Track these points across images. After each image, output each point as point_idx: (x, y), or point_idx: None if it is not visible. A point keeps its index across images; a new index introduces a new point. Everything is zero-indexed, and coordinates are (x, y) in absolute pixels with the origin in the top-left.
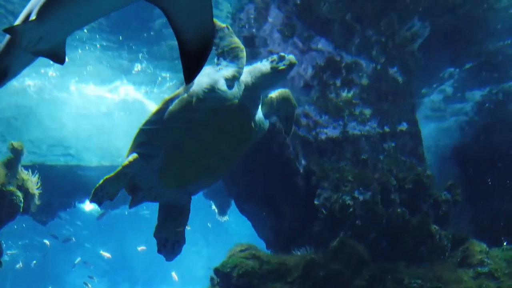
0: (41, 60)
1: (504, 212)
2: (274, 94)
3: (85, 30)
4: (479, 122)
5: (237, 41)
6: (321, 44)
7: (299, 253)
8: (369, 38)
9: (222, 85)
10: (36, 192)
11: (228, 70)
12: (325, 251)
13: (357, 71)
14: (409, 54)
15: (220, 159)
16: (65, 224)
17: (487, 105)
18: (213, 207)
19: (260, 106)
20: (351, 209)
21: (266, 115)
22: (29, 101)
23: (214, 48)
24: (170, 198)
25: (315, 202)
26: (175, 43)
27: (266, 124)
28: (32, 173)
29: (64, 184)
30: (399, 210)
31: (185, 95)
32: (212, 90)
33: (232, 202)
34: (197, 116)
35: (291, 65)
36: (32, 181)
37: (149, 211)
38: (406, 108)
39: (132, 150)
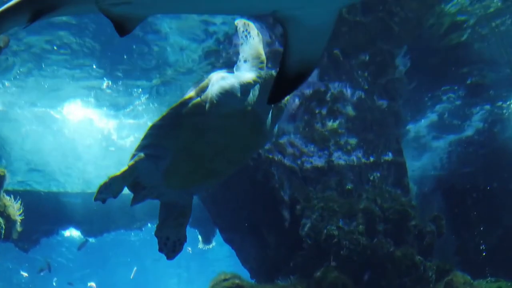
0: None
1: (488, 244)
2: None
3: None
4: (463, 154)
5: (262, 51)
6: None
7: (283, 283)
8: (355, 69)
9: (237, 91)
10: (18, 218)
11: (246, 76)
12: (310, 281)
13: (343, 101)
14: (395, 85)
15: (227, 163)
16: (48, 251)
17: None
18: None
19: (270, 113)
20: (335, 239)
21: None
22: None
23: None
24: (172, 197)
25: (300, 231)
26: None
27: (275, 130)
28: (15, 199)
29: (47, 211)
30: (383, 240)
31: (198, 98)
32: (227, 95)
33: (217, 230)
34: (209, 121)
35: None
36: (14, 207)
37: (138, 238)
38: (391, 138)
39: (139, 150)
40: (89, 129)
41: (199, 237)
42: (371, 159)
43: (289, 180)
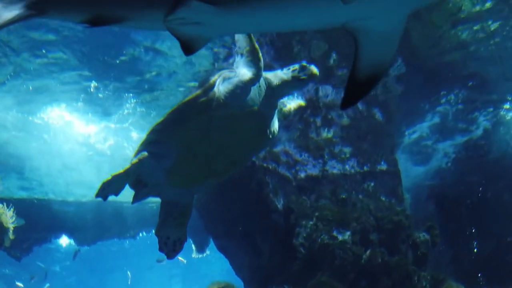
0: None
1: (482, 254)
2: (292, 104)
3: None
4: (459, 164)
5: (257, 47)
6: None
7: None
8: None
9: (243, 90)
10: (11, 226)
11: (246, 75)
12: None
13: (337, 110)
14: (390, 94)
15: (231, 162)
16: (40, 259)
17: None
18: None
19: (276, 113)
20: (329, 249)
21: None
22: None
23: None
24: (174, 196)
25: (294, 240)
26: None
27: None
28: (7, 206)
29: (41, 219)
30: (377, 250)
31: (205, 98)
32: (233, 94)
33: (211, 239)
34: (214, 120)
35: (312, 76)
36: (7, 215)
37: (131, 246)
38: (385, 148)
39: (142, 148)
40: (72, 133)
41: (193, 246)
42: (365, 168)
43: (283, 189)
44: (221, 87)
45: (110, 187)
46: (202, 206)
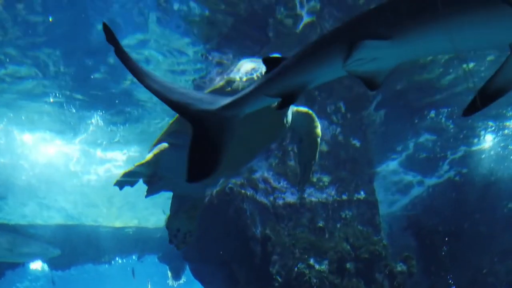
0: None
1: (459, 285)
2: (300, 109)
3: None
4: (436, 195)
5: None
6: None
7: None
8: (329, 106)
9: None
10: None
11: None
12: None
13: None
14: (369, 123)
15: (248, 152)
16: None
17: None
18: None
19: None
20: (306, 278)
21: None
22: None
23: None
24: (187, 189)
25: (270, 268)
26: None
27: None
28: None
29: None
30: (354, 280)
31: (229, 88)
32: (250, 81)
33: (187, 266)
34: None
35: None
36: None
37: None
38: (364, 177)
39: (163, 139)
40: (45, 154)
41: (169, 273)
42: (344, 197)
43: (261, 216)
44: (244, 79)
45: (131, 177)
46: None
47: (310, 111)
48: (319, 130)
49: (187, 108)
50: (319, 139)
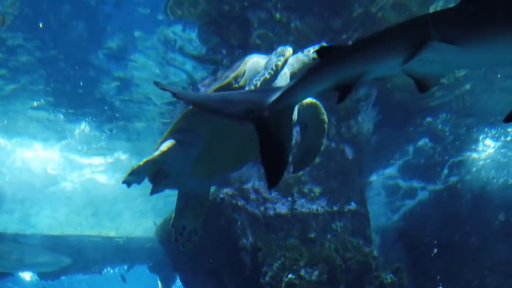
0: None
1: None
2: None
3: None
4: (425, 207)
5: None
6: None
7: None
8: None
9: (272, 77)
10: None
11: (274, 60)
12: None
13: None
14: (361, 134)
15: (254, 147)
16: None
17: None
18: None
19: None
20: None
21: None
22: None
23: None
24: (192, 187)
25: (261, 279)
26: None
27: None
28: None
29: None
30: None
31: (237, 84)
32: (265, 81)
33: (177, 276)
34: None
35: None
36: None
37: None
38: (355, 188)
39: (170, 136)
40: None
41: (159, 282)
42: (334, 208)
43: (252, 227)
44: (251, 73)
45: (138, 173)
46: (168, 241)
47: (315, 100)
48: (325, 117)
49: (248, 115)
50: (326, 125)
